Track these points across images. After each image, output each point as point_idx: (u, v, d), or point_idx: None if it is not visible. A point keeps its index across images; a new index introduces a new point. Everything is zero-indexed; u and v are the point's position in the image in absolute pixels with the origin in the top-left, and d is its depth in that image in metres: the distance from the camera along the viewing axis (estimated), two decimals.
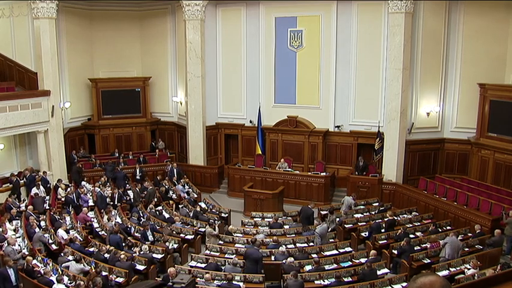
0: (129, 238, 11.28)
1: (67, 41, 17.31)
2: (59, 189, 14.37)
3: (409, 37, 14.24)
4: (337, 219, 12.46)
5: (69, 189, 14.25)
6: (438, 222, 12.34)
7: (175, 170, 16.26)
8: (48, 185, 14.49)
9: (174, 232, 11.99)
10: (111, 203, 13.82)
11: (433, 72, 15.05)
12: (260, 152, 17.00)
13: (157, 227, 12.14)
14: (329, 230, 11.94)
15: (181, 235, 11.92)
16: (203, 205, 14.32)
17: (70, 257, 10.07)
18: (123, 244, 10.87)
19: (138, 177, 16.22)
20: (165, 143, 19.52)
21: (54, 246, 11.00)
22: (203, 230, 12.10)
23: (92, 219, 12.92)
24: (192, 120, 17.20)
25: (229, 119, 17.94)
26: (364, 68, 15.64)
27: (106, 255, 10.27)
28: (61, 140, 15.76)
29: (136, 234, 11.76)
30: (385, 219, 12.37)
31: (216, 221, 12.33)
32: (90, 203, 13.94)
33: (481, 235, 11.16)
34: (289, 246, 11.07)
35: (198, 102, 17.04)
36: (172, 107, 19.36)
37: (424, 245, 10.99)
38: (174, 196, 15.02)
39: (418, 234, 11.83)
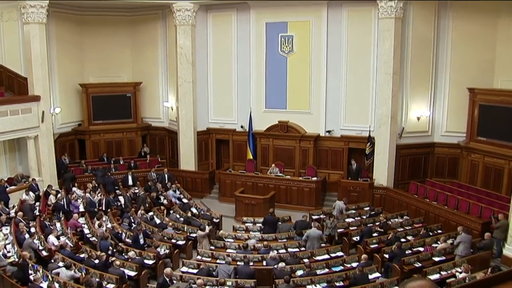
0: (120, 244, 11.17)
1: (57, 46, 17.17)
2: (50, 195, 14.20)
3: (399, 42, 14.34)
4: (332, 223, 12.36)
5: (59, 195, 14.09)
6: (429, 226, 12.39)
7: (166, 176, 16.17)
8: (37, 192, 14.30)
9: (165, 238, 11.91)
10: (100, 208, 13.69)
11: (422, 77, 15.14)
12: (251, 157, 17.00)
13: (149, 233, 12.07)
14: (325, 235, 11.94)
15: (173, 241, 11.84)
16: (194, 210, 14.24)
17: (60, 264, 9.96)
18: (114, 250, 10.75)
19: (129, 183, 16.10)
20: (156, 147, 19.43)
21: (44, 253, 10.87)
22: (194, 235, 12.07)
23: (83, 225, 12.78)
24: (183, 126, 17.16)
25: (220, 124, 17.90)
26: (355, 72, 15.69)
27: (97, 261, 10.17)
28: (51, 145, 15.60)
29: (127, 240, 11.66)
30: (377, 224, 12.43)
31: (207, 225, 12.27)
32: (81, 209, 13.82)
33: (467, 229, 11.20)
34: (280, 251, 11.02)
35: (189, 108, 17.02)
36: (163, 112, 19.27)
37: (415, 249, 11.02)
38: (165, 202, 14.93)
39: (409, 238, 11.84)
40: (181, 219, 13.32)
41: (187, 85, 16.87)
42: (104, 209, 13.72)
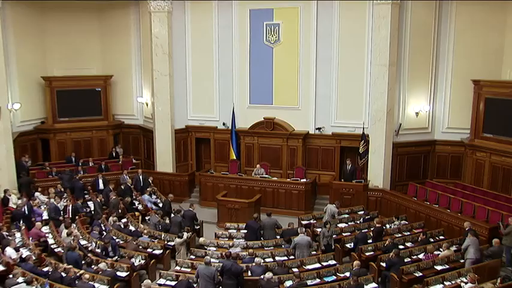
0: (89, 255, 10.88)
1: (14, 34, 16.58)
2: (10, 201, 13.79)
3: (396, 30, 14.31)
4: (330, 231, 12.15)
5: (19, 201, 13.66)
6: (430, 231, 12.34)
7: (141, 178, 16.00)
8: None
9: (140, 247, 11.72)
10: (66, 216, 13.38)
11: (422, 68, 15.11)
12: (234, 157, 16.96)
13: (121, 242, 11.83)
14: (323, 244, 11.83)
15: (149, 250, 11.66)
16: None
17: (20, 279, 9.57)
18: (83, 262, 10.44)
19: (99, 186, 15.81)
20: (129, 147, 19.25)
21: (0, 267, 10.45)
22: (173, 243, 11.93)
23: (47, 234, 12.44)
24: (159, 123, 16.99)
25: (200, 122, 17.80)
26: (347, 64, 15.65)
27: (63, 274, 9.83)
28: (10, 145, 15.10)
29: (97, 250, 11.41)
30: (372, 228, 12.36)
31: (185, 232, 12.13)
32: (45, 216, 13.48)
33: (474, 232, 11.13)
34: (267, 260, 10.92)
35: (165, 103, 16.86)
36: (137, 109, 19.11)
37: (415, 257, 10.97)
38: (140, 207, 14.75)
39: (408, 244, 11.81)
40: (159, 226, 13.06)
41: (164, 79, 16.69)
42: (70, 216, 13.38)
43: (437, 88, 15.33)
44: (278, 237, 12.28)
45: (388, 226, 12.85)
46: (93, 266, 10.29)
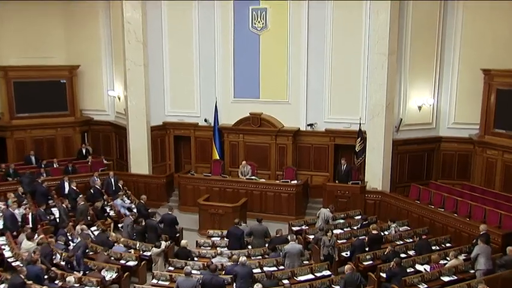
0: (52, 269, 10.62)
1: None
2: None
3: (397, 15, 14.27)
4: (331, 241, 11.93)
5: None
6: (435, 238, 12.30)
7: (113, 181, 15.89)
8: None
9: (112, 258, 11.53)
10: (25, 225, 13.05)
11: (425, 57, 15.14)
12: (217, 157, 16.99)
13: (91, 253, 11.66)
14: (323, 255, 11.71)
15: (122, 261, 11.49)
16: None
17: None
18: (45, 276, 10.17)
19: (65, 191, 15.52)
20: (100, 146, 19.13)
21: None
22: (148, 253, 11.78)
23: (2, 246, 12.16)
24: (134, 119, 16.87)
25: (180, 118, 17.76)
26: (342, 53, 15.64)
27: None
28: None
29: (62, 263, 11.15)
30: (368, 236, 12.26)
31: (163, 241, 11.96)
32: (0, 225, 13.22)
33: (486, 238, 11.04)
34: (255, 271, 10.79)
35: (140, 97, 16.73)
36: (108, 103, 18.99)
37: (419, 267, 10.89)
38: (111, 213, 14.60)
39: (410, 253, 11.74)
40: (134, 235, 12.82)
41: (138, 69, 16.55)
42: (30, 224, 13.07)
43: (442, 79, 15.35)
44: (267, 245, 12.18)
45: (387, 232, 12.79)
46: (57, 282, 10.01)
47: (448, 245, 12.18)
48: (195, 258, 11.57)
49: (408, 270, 10.59)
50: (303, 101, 16.28)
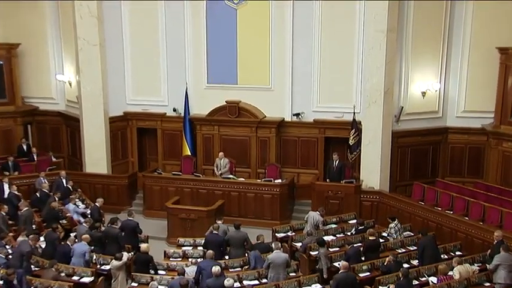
0: None
1: None
2: None
3: None
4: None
5: None
6: (443, 245, 12.25)
7: (64, 182, 15.61)
8: None
9: (62, 274, 11.23)
10: None
11: (430, 35, 15.20)
12: (189, 153, 16.96)
13: (36, 269, 11.39)
14: (324, 272, 11.59)
15: (75, 278, 11.24)
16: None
17: None
18: None
19: (4, 194, 15.20)
20: (47, 141, 18.85)
21: None
22: (108, 267, 11.55)
23: None
24: (88, 109, 16.69)
25: (144, 107, 17.64)
26: (333, 31, 15.61)
27: None
28: None
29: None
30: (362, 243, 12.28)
31: (125, 252, 11.79)
32: None
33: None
34: (234, 285, 10.67)
35: (95, 82, 16.56)
36: (56, 90, 18.66)
37: (424, 279, 10.87)
38: (63, 220, 14.25)
39: (414, 262, 11.71)
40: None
41: (92, 50, 16.33)
42: None
43: (450, 60, 15.42)
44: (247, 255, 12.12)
45: (385, 234, 12.83)
46: None
47: (458, 253, 12.12)
48: (162, 272, 11.41)
49: (414, 283, 10.52)
50: (288, 86, 16.26)
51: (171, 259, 12.14)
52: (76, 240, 12.49)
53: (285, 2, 15.78)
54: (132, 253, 12.10)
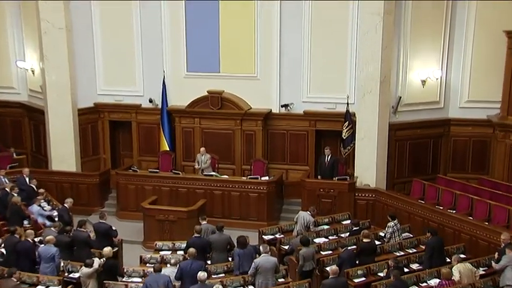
0: None
1: None
2: None
3: None
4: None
5: None
6: (445, 247, 12.13)
7: (27, 181, 15.37)
8: None
9: (25, 285, 11.05)
10: None
11: (431, 18, 15.23)
12: (167, 148, 16.99)
13: None
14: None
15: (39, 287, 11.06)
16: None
17: None
18: None
19: None
20: (8, 135, 18.72)
21: None
22: (77, 275, 11.37)
23: None
24: (54, 100, 16.51)
25: (117, 98, 17.61)
26: (325, 15, 15.58)
27: None
28: None
29: None
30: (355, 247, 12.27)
31: (96, 258, 11.56)
32: None
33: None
34: None
35: (62, 70, 16.38)
36: (17, 78, 18.57)
37: (424, 284, 10.88)
38: (25, 223, 13.97)
39: (413, 266, 11.71)
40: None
41: (58, 34, 16.12)
42: None
43: (453, 45, 15.47)
44: (231, 259, 12.14)
45: (383, 233, 12.84)
46: None
47: (462, 256, 12.03)
48: (137, 279, 11.26)
49: None
50: (275, 75, 16.25)
51: (147, 265, 11.92)
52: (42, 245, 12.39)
53: None
54: (104, 259, 11.71)
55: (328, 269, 11.15)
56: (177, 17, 16.67)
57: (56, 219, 14.11)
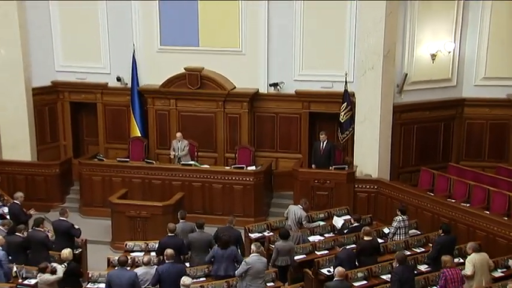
0: None
1: None
2: None
3: None
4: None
5: None
6: (457, 246, 12.21)
7: None
8: None
9: None
10: None
11: None
12: (138, 134, 16.98)
13: None
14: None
15: None
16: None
17: None
18: None
19: None
20: None
21: None
22: (33, 281, 11.26)
23: None
24: (4, 78, 16.46)
25: (79, 75, 17.46)
26: None
27: None
28: None
29: None
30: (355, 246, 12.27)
31: (58, 265, 11.39)
32: None
33: None
34: None
35: (13, 43, 16.33)
36: None
37: None
38: None
39: (421, 268, 11.75)
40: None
41: (7, 2, 15.99)
42: None
43: (468, 13, 15.44)
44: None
45: (387, 230, 12.84)
46: None
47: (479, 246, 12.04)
48: (99, 285, 11.26)
49: None
50: (263, 49, 16.21)
51: (116, 268, 11.63)
52: None
53: None
54: (67, 263, 11.62)
55: (329, 271, 11.34)
56: None
57: (8, 216, 13.99)
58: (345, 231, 13.09)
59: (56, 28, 17.18)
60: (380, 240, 12.49)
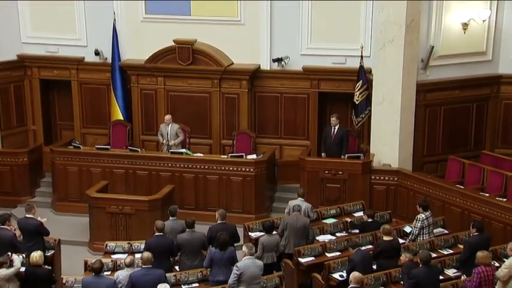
0: None
1: None
2: None
3: None
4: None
5: None
6: (492, 247, 12.15)
7: None
8: None
9: None
10: None
11: None
12: (121, 117, 17.16)
13: None
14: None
15: None
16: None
17: None
18: None
19: None
20: None
21: None
22: None
23: None
24: None
25: (50, 48, 17.61)
26: None
27: None
28: None
29: None
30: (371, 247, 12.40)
31: (16, 256, 11.63)
32: None
33: None
34: None
35: None
36: None
37: None
38: None
39: (449, 273, 11.75)
40: None
41: None
42: None
43: None
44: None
45: (409, 230, 12.84)
46: None
47: None
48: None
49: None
50: (266, 19, 16.27)
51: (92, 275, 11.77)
52: None
53: None
54: (24, 255, 11.82)
55: (341, 276, 11.44)
56: None
57: None
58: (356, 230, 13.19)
59: None
60: (401, 241, 12.42)
